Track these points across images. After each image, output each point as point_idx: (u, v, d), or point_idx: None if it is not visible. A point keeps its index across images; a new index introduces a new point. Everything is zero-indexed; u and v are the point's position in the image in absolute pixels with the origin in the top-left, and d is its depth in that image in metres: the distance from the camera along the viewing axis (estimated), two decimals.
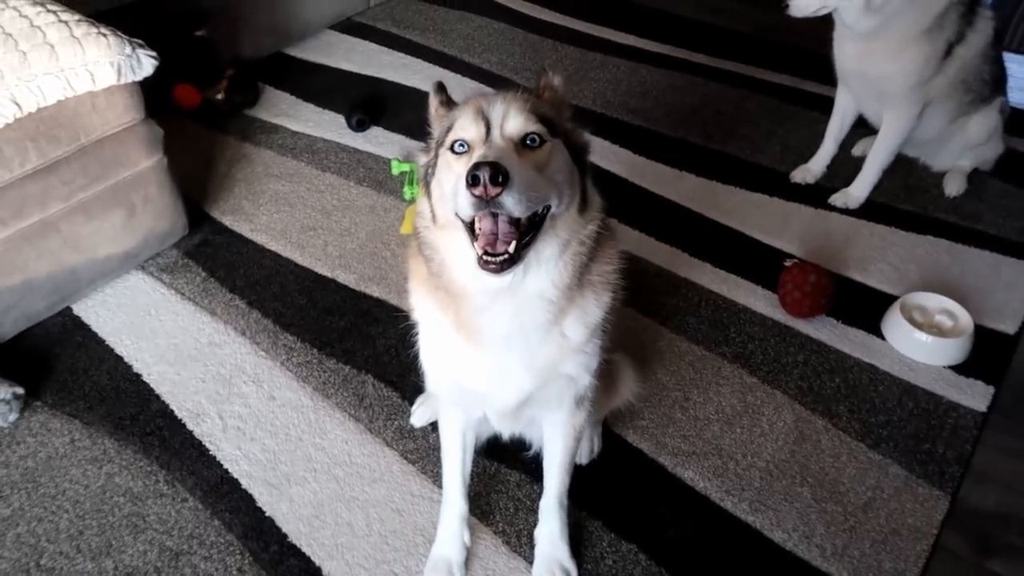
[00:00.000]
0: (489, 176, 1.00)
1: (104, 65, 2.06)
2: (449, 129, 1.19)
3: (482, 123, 1.14)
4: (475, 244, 1.11)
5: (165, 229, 2.48)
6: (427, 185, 1.27)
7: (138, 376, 2.16)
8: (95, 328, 2.30)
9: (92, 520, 1.82)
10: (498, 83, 3.46)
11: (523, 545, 1.74)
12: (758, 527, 1.76)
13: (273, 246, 2.60)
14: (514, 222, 1.09)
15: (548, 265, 1.22)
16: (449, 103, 1.32)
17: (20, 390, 2.03)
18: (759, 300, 2.35)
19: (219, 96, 3.26)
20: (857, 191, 2.71)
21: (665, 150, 3.03)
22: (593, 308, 1.33)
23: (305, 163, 3.00)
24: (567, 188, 1.19)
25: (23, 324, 2.24)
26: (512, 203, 1.03)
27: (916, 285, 2.36)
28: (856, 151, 2.95)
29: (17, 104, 1.95)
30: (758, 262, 2.48)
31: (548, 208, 1.15)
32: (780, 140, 3.09)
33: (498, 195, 1.02)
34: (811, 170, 2.86)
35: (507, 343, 1.29)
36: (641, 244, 2.57)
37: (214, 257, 2.55)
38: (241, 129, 3.21)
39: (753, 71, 3.56)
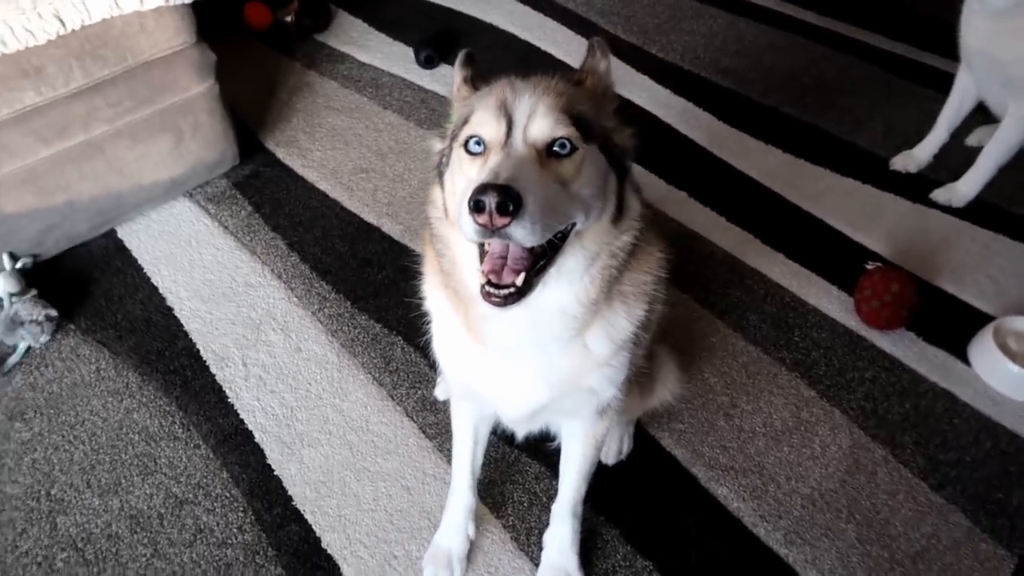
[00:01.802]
0: (496, 204, 0.84)
1: None
2: (466, 120, 1.03)
3: (503, 120, 0.97)
4: (480, 267, 0.96)
5: (214, 158, 2.41)
6: (440, 175, 1.12)
7: (170, 310, 2.12)
8: (136, 254, 2.27)
9: (105, 455, 1.80)
10: (583, 27, 3.21)
11: (531, 545, 1.63)
12: (790, 562, 1.60)
13: (322, 185, 2.50)
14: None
15: (571, 278, 1.06)
16: (475, 81, 1.15)
17: (54, 312, 2.02)
18: (832, 302, 2.12)
19: (289, 18, 3.14)
20: (965, 188, 2.39)
21: (753, 118, 2.76)
22: (623, 321, 1.17)
23: (368, 98, 2.86)
24: (598, 201, 1.02)
25: (64, 244, 2.23)
26: (523, 234, 0.87)
27: (1016, 305, 2.08)
28: (971, 141, 2.61)
29: (60, 19, 1.87)
30: (838, 258, 2.23)
31: (573, 225, 0.99)
32: (885, 119, 2.77)
33: (506, 226, 0.86)
34: (915, 157, 2.54)
35: (519, 351, 1.15)
36: (709, 224, 2.35)
37: (262, 191, 2.47)
38: (308, 55, 3.09)
39: (866, 35, 3.18)
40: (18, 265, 2.09)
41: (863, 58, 3.06)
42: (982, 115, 2.47)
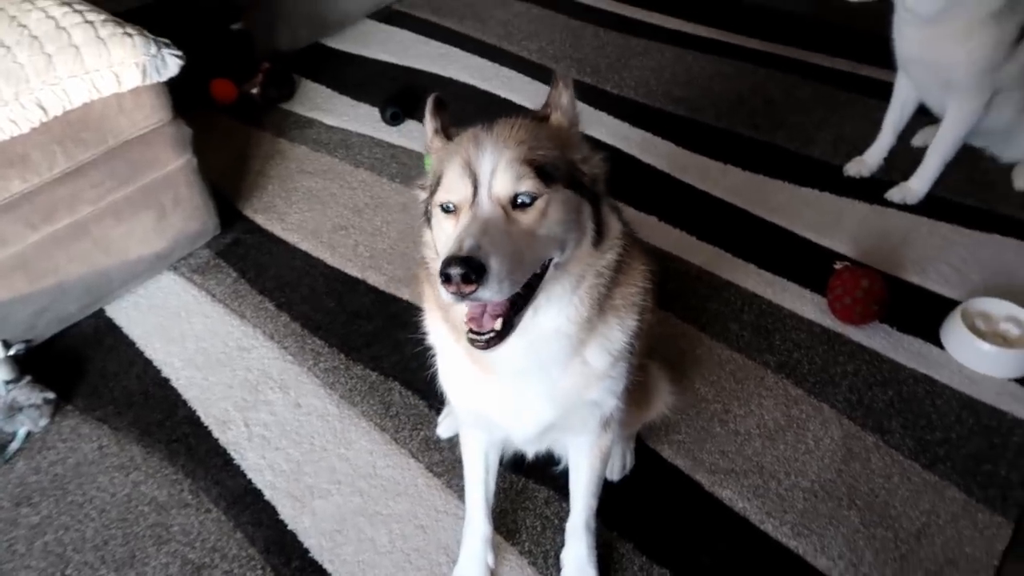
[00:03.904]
0: (460, 276, 0.91)
1: (129, 66, 2.03)
2: (439, 179, 1.09)
3: (468, 181, 1.04)
4: (464, 316, 1.04)
5: (196, 229, 2.46)
6: (428, 220, 1.19)
7: (166, 381, 2.14)
8: (126, 330, 2.29)
9: (117, 530, 1.81)
10: (538, 73, 3.35)
11: (550, 567, 1.67)
12: (800, 553, 1.65)
13: (304, 245, 2.56)
14: None
15: (561, 303, 1.14)
16: (447, 129, 1.22)
17: (51, 395, 2.04)
18: (807, 305, 2.22)
19: (255, 90, 3.23)
20: (917, 185, 2.53)
21: (710, 142, 2.89)
22: (617, 334, 1.24)
23: (339, 159, 2.95)
24: (572, 234, 1.09)
25: (56, 327, 2.25)
26: (491, 295, 0.94)
27: (979, 289, 2.19)
28: (917, 141, 2.77)
29: (43, 108, 1.93)
30: (807, 263, 2.34)
31: (551, 260, 1.07)
32: (834, 130, 2.92)
33: (473, 292, 0.93)
34: (866, 162, 2.69)
35: (523, 375, 1.21)
36: (681, 244, 2.45)
37: (245, 257, 2.52)
38: (276, 124, 3.18)
39: (807, 55, 3.36)
40: (11, 352, 2.11)
41: (806, 76, 3.23)
42: (925, 116, 2.63)
